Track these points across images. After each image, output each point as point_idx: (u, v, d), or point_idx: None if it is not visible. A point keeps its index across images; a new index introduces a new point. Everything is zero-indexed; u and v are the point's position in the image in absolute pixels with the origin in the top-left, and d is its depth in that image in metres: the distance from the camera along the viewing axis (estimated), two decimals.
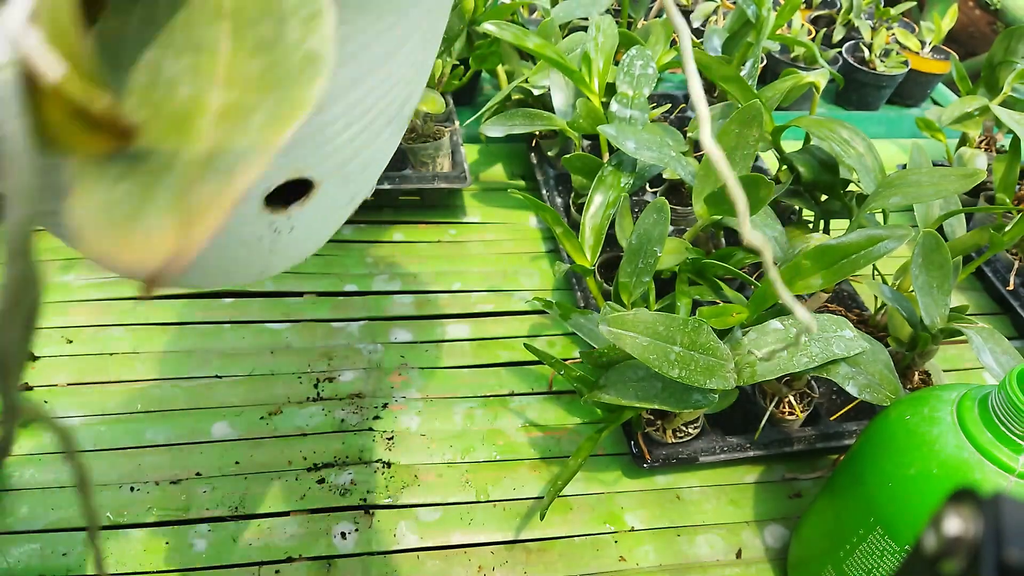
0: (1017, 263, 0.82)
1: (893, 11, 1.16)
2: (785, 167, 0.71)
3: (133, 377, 0.65)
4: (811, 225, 0.71)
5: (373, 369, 0.67)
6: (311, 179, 0.25)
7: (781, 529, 0.60)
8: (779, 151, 0.68)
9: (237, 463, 0.59)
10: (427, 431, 0.64)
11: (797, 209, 0.75)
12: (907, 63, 1.13)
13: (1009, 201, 0.69)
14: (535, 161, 0.87)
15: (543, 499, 0.59)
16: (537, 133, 0.88)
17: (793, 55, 1.12)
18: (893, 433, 0.45)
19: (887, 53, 1.13)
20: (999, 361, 0.53)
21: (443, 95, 0.78)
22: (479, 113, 0.81)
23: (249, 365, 0.66)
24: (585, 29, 0.79)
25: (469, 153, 0.94)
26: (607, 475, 0.62)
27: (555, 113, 0.77)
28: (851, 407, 0.64)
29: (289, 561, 0.54)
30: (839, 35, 1.18)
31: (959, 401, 0.43)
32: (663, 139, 0.64)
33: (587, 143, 0.82)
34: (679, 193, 0.83)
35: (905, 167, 0.77)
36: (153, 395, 0.63)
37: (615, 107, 0.70)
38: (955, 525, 0.17)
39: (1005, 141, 0.98)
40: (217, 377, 0.65)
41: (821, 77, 0.72)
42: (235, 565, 0.54)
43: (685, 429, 0.60)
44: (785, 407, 0.62)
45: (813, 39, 1.13)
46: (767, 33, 0.78)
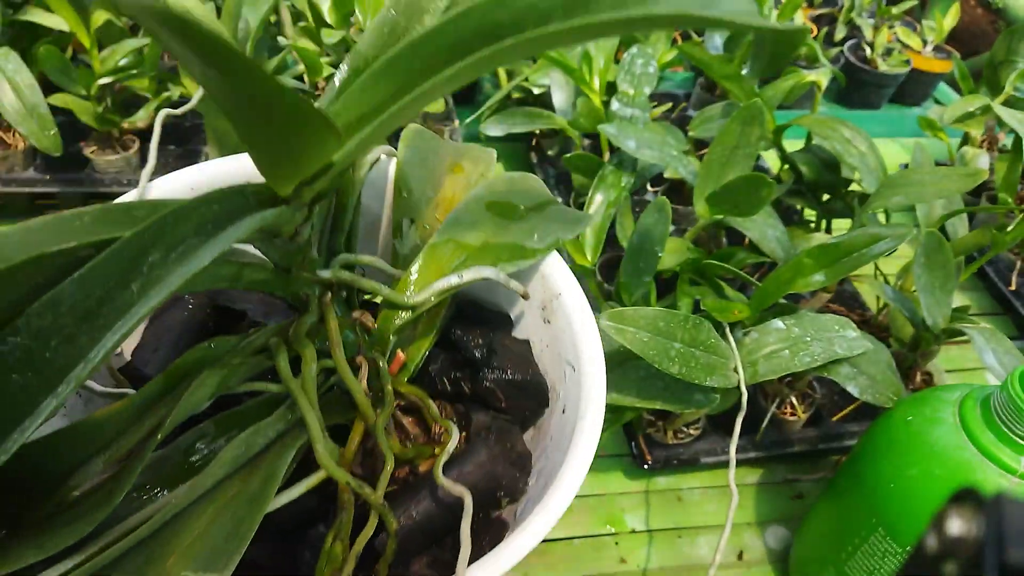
0: (1019, 263, 0.82)
1: (895, 10, 1.16)
2: (787, 166, 0.70)
3: None
4: (813, 225, 0.71)
5: None
6: None
7: (782, 530, 0.59)
8: (781, 150, 0.68)
9: None
10: None
11: (799, 208, 0.74)
12: (909, 62, 1.12)
13: (1011, 201, 0.68)
14: (535, 160, 0.87)
15: None
16: (537, 132, 0.88)
17: (795, 54, 1.12)
18: (895, 434, 0.44)
19: (889, 52, 1.13)
20: (1001, 361, 0.53)
21: None
22: (479, 112, 0.81)
23: None
24: None
25: None
26: (608, 476, 0.62)
27: (555, 112, 0.76)
28: (853, 408, 0.64)
29: None
30: (841, 34, 1.18)
31: (961, 402, 0.43)
32: (664, 138, 0.64)
33: (587, 142, 0.82)
34: (680, 192, 0.83)
35: (907, 166, 0.77)
36: None
37: (616, 106, 0.70)
38: (957, 526, 0.17)
39: (1007, 140, 0.97)
40: None
41: (823, 76, 0.71)
42: None
43: (686, 430, 0.60)
44: (787, 408, 0.61)
45: (815, 38, 1.13)
46: None
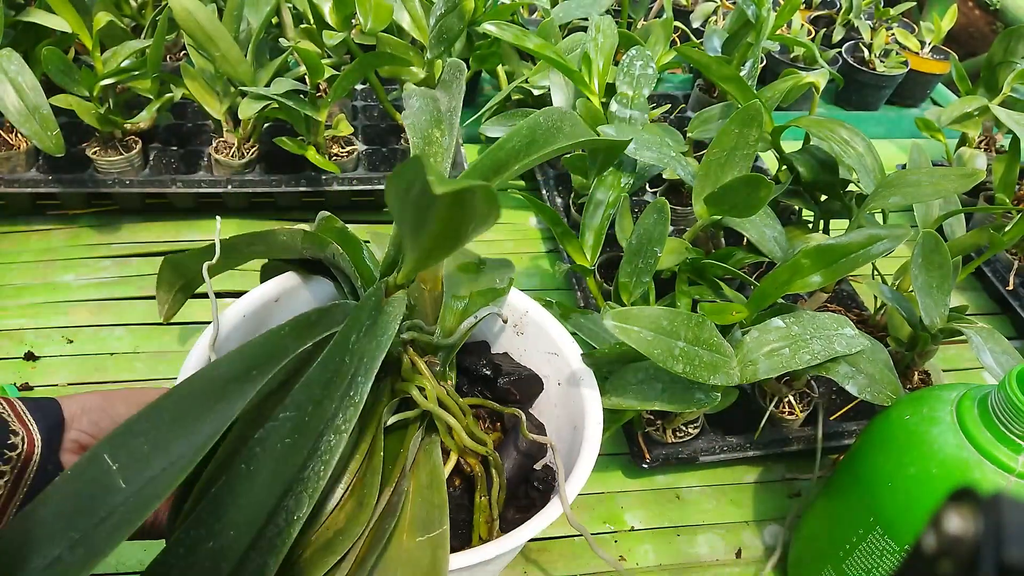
0: (1016, 263, 0.82)
1: (893, 11, 1.16)
2: (785, 167, 0.71)
3: (133, 377, 0.65)
4: (811, 225, 0.71)
5: None
6: None
7: (781, 529, 0.60)
8: (779, 151, 0.68)
9: None
10: None
11: (797, 209, 0.75)
12: (907, 63, 1.13)
13: (1008, 201, 0.69)
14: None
15: None
16: None
17: (793, 55, 1.12)
18: (893, 433, 0.45)
19: (887, 53, 1.13)
20: (998, 361, 0.53)
21: None
22: (479, 113, 0.81)
23: None
24: (585, 29, 0.79)
25: (469, 153, 0.94)
26: (607, 475, 0.62)
27: None
28: (851, 407, 0.64)
29: None
30: (839, 35, 1.18)
31: (959, 401, 0.43)
32: (663, 139, 0.64)
33: None
34: (679, 193, 0.83)
35: (905, 167, 0.77)
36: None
37: (615, 107, 0.70)
38: (955, 525, 0.17)
39: (1004, 141, 0.98)
40: None
41: (821, 77, 0.72)
42: None
43: (685, 429, 0.60)
44: (785, 407, 0.62)
45: (813, 39, 1.13)
46: (767, 33, 0.78)
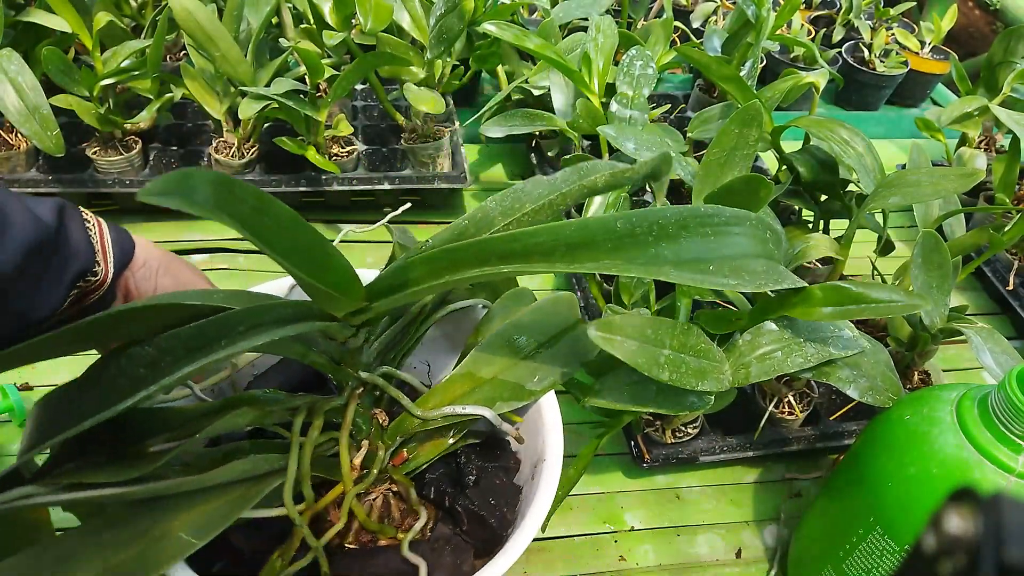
0: (1016, 263, 0.82)
1: (893, 11, 1.16)
2: (785, 167, 0.71)
3: None
4: (811, 225, 0.71)
5: None
6: None
7: (781, 529, 0.60)
8: (779, 151, 0.69)
9: None
10: None
11: (797, 209, 0.75)
12: (907, 63, 1.13)
13: (1008, 201, 0.69)
14: (535, 161, 0.87)
15: None
16: (537, 133, 0.88)
17: (793, 55, 1.12)
18: (893, 433, 0.45)
19: (887, 53, 1.13)
20: (998, 361, 0.53)
21: (443, 95, 0.78)
22: (479, 113, 0.81)
23: None
24: (585, 29, 0.79)
25: (469, 153, 0.94)
26: (607, 475, 0.62)
27: (555, 113, 0.77)
28: (850, 407, 0.64)
29: None
30: (839, 35, 1.18)
31: (958, 401, 0.43)
32: (663, 139, 0.64)
33: (587, 143, 0.82)
34: (679, 193, 0.83)
35: (904, 167, 0.77)
36: None
37: (615, 107, 0.70)
38: (955, 525, 0.17)
39: (1004, 141, 0.98)
40: None
41: (821, 77, 0.72)
42: None
43: (684, 429, 0.60)
44: (785, 407, 0.62)
45: (813, 39, 1.13)
46: (767, 33, 0.78)
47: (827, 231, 0.70)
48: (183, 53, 0.96)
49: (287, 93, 0.69)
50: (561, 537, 0.58)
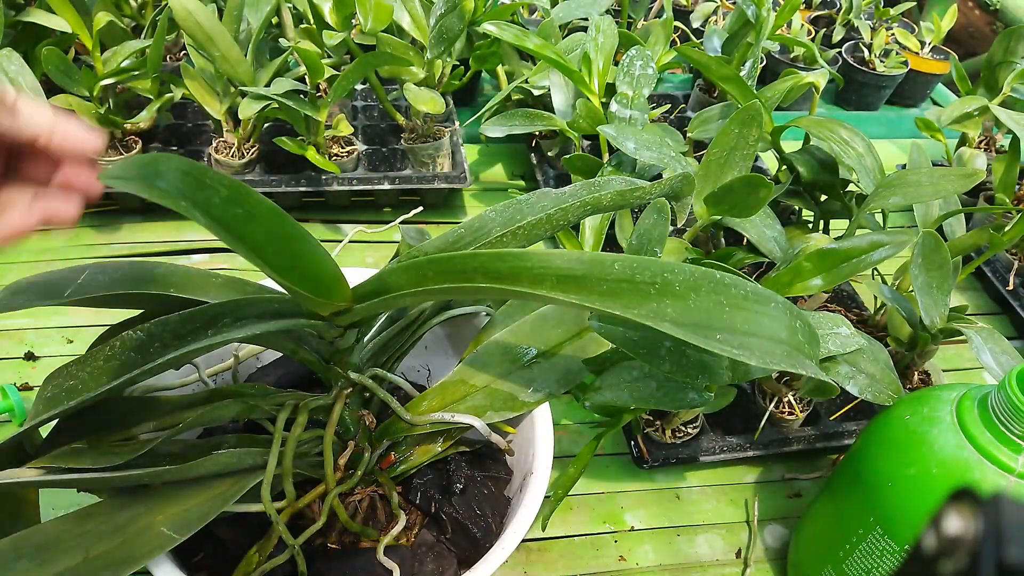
0: (1016, 263, 0.82)
1: (893, 11, 1.16)
2: (785, 167, 0.71)
3: None
4: (811, 225, 0.71)
5: None
6: None
7: (781, 529, 0.60)
8: (779, 151, 0.69)
9: None
10: None
11: (797, 209, 0.75)
12: (906, 63, 1.13)
13: (1008, 201, 0.69)
14: (535, 161, 0.87)
15: (545, 502, 0.59)
16: (537, 133, 0.88)
17: (793, 55, 1.12)
18: (893, 433, 0.45)
19: (887, 53, 1.13)
20: (998, 361, 0.53)
21: (443, 95, 0.78)
22: (479, 113, 0.81)
23: None
24: (585, 29, 0.79)
25: (469, 153, 0.94)
26: (607, 475, 0.62)
27: (555, 113, 0.77)
28: (851, 407, 0.64)
29: None
30: (839, 35, 1.18)
31: (958, 401, 0.43)
32: (663, 139, 0.64)
33: (587, 143, 0.82)
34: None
35: (904, 167, 0.77)
36: None
37: (615, 107, 0.70)
38: (954, 525, 0.17)
39: (1004, 141, 0.98)
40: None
41: (821, 77, 0.72)
42: None
43: (684, 429, 0.60)
44: (784, 407, 0.62)
45: (813, 39, 1.13)
46: (767, 33, 0.78)
47: (827, 231, 0.70)
48: (183, 53, 0.96)
49: (287, 93, 0.69)
50: (561, 537, 0.58)
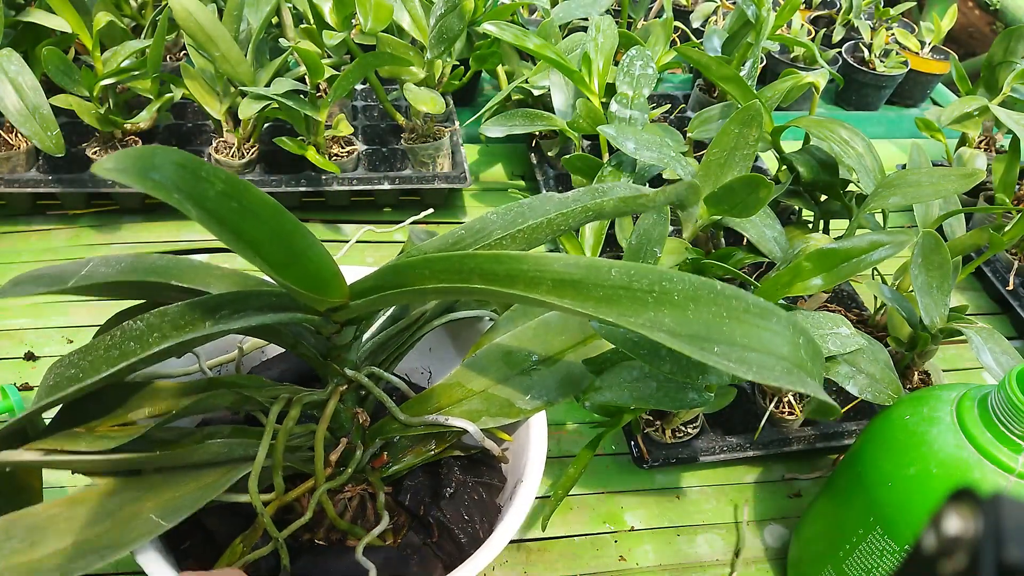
0: (1017, 263, 0.82)
1: (893, 11, 1.16)
2: (785, 167, 0.71)
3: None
4: (811, 225, 0.71)
5: None
6: None
7: (780, 529, 0.60)
8: (779, 151, 0.69)
9: None
10: None
11: (797, 209, 0.75)
12: (907, 63, 1.13)
13: (1008, 201, 0.69)
14: (535, 161, 0.87)
15: (544, 502, 0.59)
16: (537, 133, 0.88)
17: (793, 55, 1.12)
18: (893, 433, 0.45)
19: (887, 53, 1.13)
20: (998, 361, 0.53)
21: (443, 95, 0.78)
22: (479, 113, 0.81)
23: None
24: (585, 29, 0.79)
25: (469, 153, 0.94)
26: (607, 475, 0.62)
27: (555, 113, 0.77)
28: (851, 407, 0.64)
29: None
30: (839, 35, 1.18)
31: (958, 401, 0.43)
32: (663, 139, 0.64)
33: (587, 143, 0.82)
34: None
35: (904, 167, 0.77)
36: None
37: (615, 107, 0.70)
38: (954, 525, 0.17)
39: (1004, 141, 0.98)
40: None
41: (821, 77, 0.72)
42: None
43: (684, 429, 0.60)
44: (785, 407, 0.62)
45: (813, 39, 1.13)
46: (767, 33, 0.78)
47: (827, 231, 0.70)
48: (183, 53, 0.96)
49: (287, 93, 0.69)
50: (561, 537, 0.58)
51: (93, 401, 0.37)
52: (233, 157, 0.77)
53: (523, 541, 0.57)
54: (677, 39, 1.11)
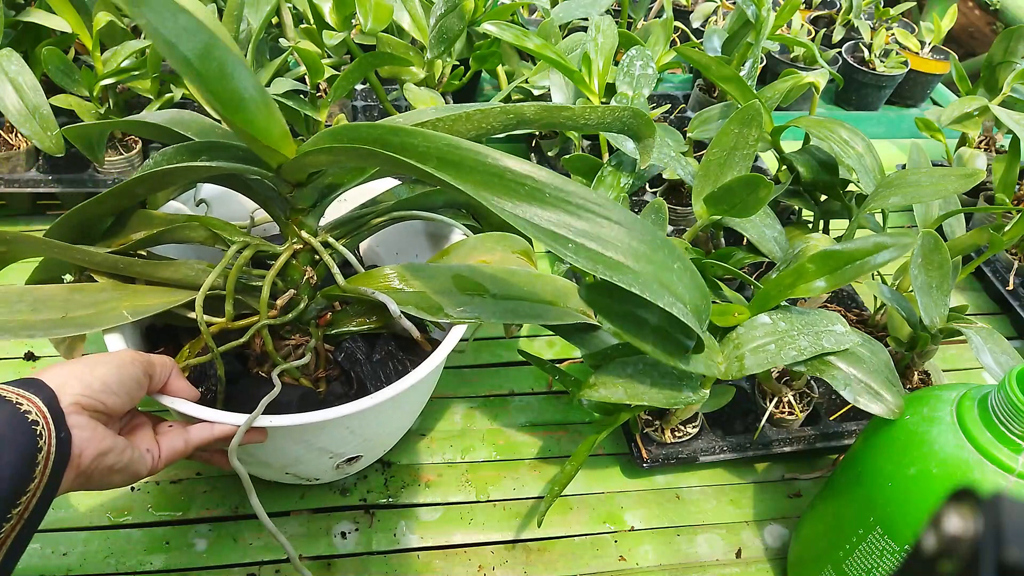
0: (1016, 263, 0.82)
1: (893, 11, 1.16)
2: (785, 167, 0.71)
3: None
4: (811, 225, 0.71)
5: None
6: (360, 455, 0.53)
7: (781, 529, 0.60)
8: (779, 151, 0.69)
9: None
10: (427, 430, 0.64)
11: (797, 209, 0.75)
12: (906, 63, 1.13)
13: (1008, 201, 0.69)
14: (535, 161, 0.87)
15: (542, 501, 0.59)
16: (537, 133, 0.88)
17: (793, 55, 1.12)
18: (893, 433, 0.45)
19: (887, 53, 1.13)
20: (998, 361, 0.53)
21: (443, 95, 0.78)
22: None
23: None
24: (585, 29, 0.79)
25: None
26: (607, 475, 0.62)
27: None
28: (851, 407, 0.64)
29: (289, 561, 0.54)
30: (839, 35, 1.18)
31: (958, 401, 0.43)
32: (663, 139, 0.64)
33: (587, 143, 0.82)
34: (679, 193, 0.83)
35: (904, 167, 0.77)
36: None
37: None
38: (955, 525, 0.17)
39: (1004, 141, 0.98)
40: None
41: (821, 77, 0.72)
42: (235, 565, 0.54)
43: (684, 428, 0.60)
44: (784, 407, 0.62)
45: (813, 39, 1.13)
46: (767, 33, 0.78)
47: (827, 231, 0.70)
48: None
49: (287, 93, 0.69)
50: (561, 537, 0.58)
51: (112, 224, 0.51)
52: None
53: (523, 541, 0.57)
54: (677, 39, 1.11)
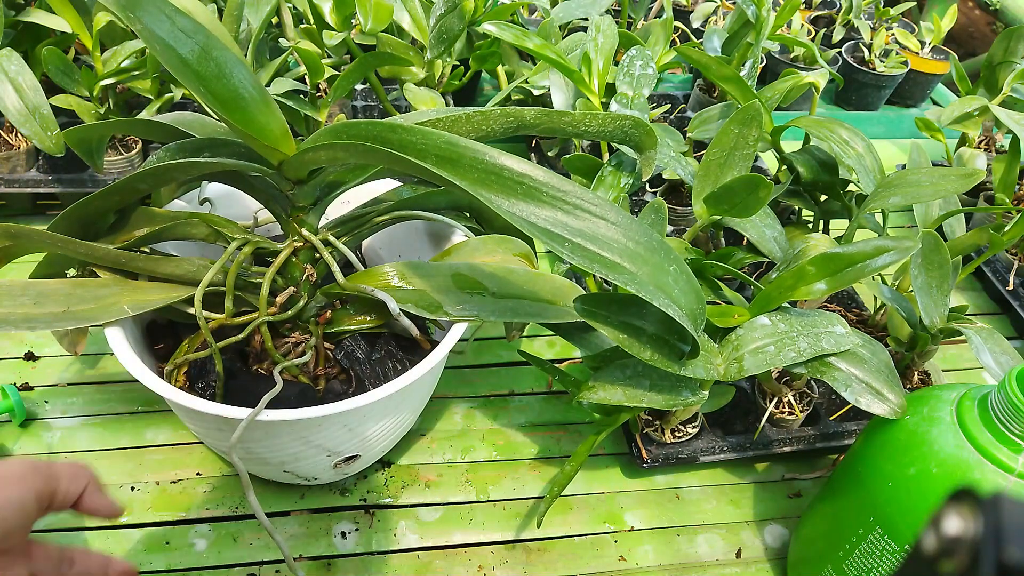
0: (1016, 263, 0.82)
1: (893, 11, 1.16)
2: (784, 167, 0.71)
3: (133, 377, 0.65)
4: (811, 225, 0.71)
5: None
6: (359, 454, 0.53)
7: (781, 529, 0.60)
8: (779, 151, 0.69)
9: None
10: (427, 430, 0.64)
11: (797, 209, 0.75)
12: (906, 63, 1.13)
13: (1008, 201, 0.69)
14: (535, 161, 0.87)
15: (542, 501, 0.59)
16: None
17: (793, 55, 1.12)
18: (893, 433, 0.45)
19: (887, 53, 1.13)
20: (998, 361, 0.53)
21: (443, 95, 0.78)
22: None
23: None
24: (585, 29, 0.79)
25: None
26: (607, 475, 0.62)
27: None
28: (851, 407, 0.64)
29: None
30: (839, 35, 1.18)
31: (958, 401, 0.43)
32: (662, 139, 0.64)
33: (587, 143, 0.82)
34: (679, 193, 0.83)
35: (904, 167, 0.77)
36: (153, 395, 0.63)
37: (615, 107, 0.70)
38: (955, 525, 0.17)
39: (1004, 141, 0.98)
40: None
41: (821, 77, 0.72)
42: (235, 565, 0.54)
43: (684, 428, 0.60)
44: (784, 407, 0.62)
45: (813, 39, 1.13)
46: (767, 33, 0.78)
47: (827, 231, 0.70)
48: None
49: (287, 93, 0.69)
50: (561, 537, 0.58)
51: (116, 220, 0.51)
52: None
53: (523, 541, 0.57)
54: (677, 39, 1.11)
